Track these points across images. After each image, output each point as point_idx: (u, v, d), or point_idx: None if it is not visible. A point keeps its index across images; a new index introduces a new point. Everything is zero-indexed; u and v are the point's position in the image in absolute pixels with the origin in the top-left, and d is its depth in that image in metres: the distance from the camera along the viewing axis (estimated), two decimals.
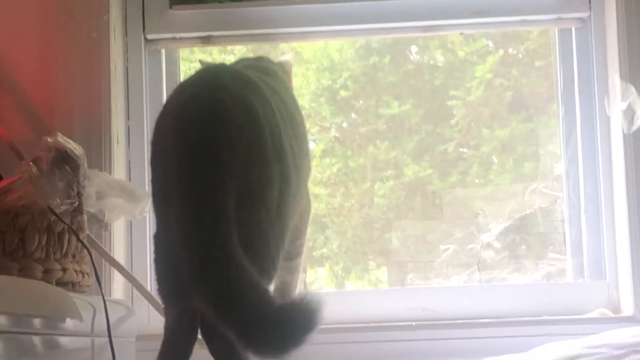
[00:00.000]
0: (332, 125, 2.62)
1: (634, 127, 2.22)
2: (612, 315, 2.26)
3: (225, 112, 1.49)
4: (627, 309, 2.25)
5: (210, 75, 1.62)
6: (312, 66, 2.62)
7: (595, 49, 2.37)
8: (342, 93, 2.61)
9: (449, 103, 2.57)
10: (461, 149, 2.57)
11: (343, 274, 2.56)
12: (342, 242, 2.56)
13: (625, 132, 2.24)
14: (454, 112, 2.57)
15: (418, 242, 2.53)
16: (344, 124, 2.63)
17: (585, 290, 2.32)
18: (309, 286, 2.52)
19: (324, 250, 2.56)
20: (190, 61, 2.54)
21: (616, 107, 2.29)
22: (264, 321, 1.35)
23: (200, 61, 2.10)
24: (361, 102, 2.63)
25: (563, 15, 2.42)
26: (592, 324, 2.19)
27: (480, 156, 2.56)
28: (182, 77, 2.42)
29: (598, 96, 2.35)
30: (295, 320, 1.37)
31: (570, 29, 2.43)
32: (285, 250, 1.64)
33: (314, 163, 2.36)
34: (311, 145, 2.49)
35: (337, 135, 2.62)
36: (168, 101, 1.60)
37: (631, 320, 2.19)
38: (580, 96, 2.40)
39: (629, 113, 2.24)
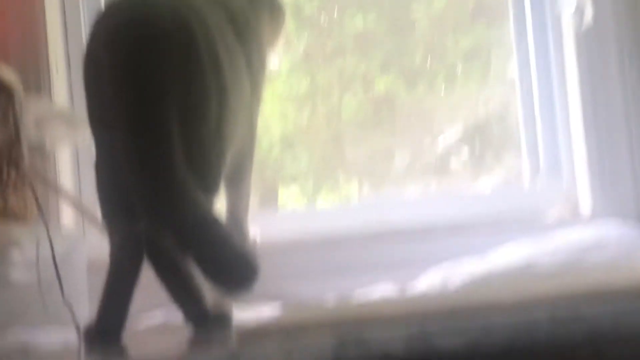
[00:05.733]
0: (298, 41, 2.58)
1: (585, 25, 2.21)
2: (569, 215, 2.26)
3: (157, 32, 1.49)
4: (585, 208, 2.25)
5: None
6: None
7: None
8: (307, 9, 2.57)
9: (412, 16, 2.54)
10: (426, 59, 2.55)
11: (313, 192, 2.56)
12: (311, 159, 2.56)
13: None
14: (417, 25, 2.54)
15: (378, 153, 2.52)
16: (309, 40, 2.59)
17: (542, 191, 2.33)
18: (281, 206, 2.53)
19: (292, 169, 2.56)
20: None
21: (567, 6, 2.26)
22: (228, 252, 1.41)
23: None
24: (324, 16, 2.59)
25: None
26: (550, 224, 2.20)
27: (445, 66, 2.54)
28: None
29: None
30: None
31: None
32: (228, 168, 1.64)
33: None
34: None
35: (302, 51, 2.58)
36: (97, 25, 1.58)
37: (588, 219, 2.21)
38: None
39: (580, 11, 2.21)
